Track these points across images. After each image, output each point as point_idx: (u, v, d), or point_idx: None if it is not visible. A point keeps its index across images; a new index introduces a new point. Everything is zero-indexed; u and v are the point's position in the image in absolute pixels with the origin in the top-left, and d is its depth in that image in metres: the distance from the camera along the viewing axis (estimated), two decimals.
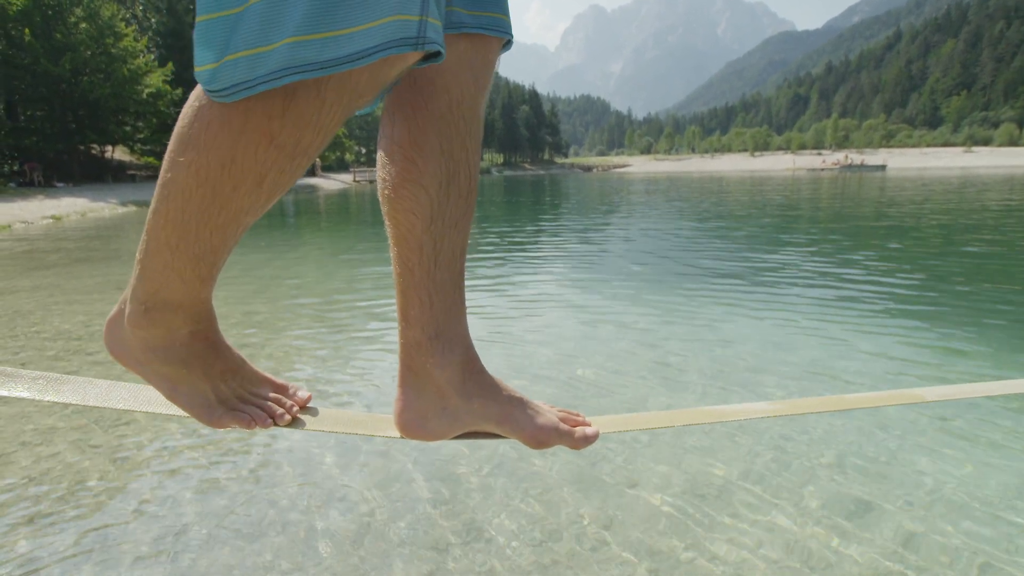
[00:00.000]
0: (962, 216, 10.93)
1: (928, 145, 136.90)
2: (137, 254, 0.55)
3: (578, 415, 0.73)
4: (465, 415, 0.69)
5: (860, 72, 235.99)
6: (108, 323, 0.65)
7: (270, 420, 0.66)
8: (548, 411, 0.71)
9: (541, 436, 0.68)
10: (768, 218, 11.67)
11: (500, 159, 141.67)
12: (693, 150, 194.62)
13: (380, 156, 0.62)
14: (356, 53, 0.40)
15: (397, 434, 0.70)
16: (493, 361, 3.22)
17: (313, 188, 33.60)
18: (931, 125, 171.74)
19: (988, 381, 0.96)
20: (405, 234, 0.62)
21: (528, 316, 4.15)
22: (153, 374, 0.63)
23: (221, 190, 0.47)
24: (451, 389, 0.67)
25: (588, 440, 0.69)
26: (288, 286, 5.34)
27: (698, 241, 8.26)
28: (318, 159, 48.00)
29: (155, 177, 29.53)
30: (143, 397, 0.68)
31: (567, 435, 0.69)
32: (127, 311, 0.60)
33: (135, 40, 26.49)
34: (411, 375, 0.68)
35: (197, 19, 0.42)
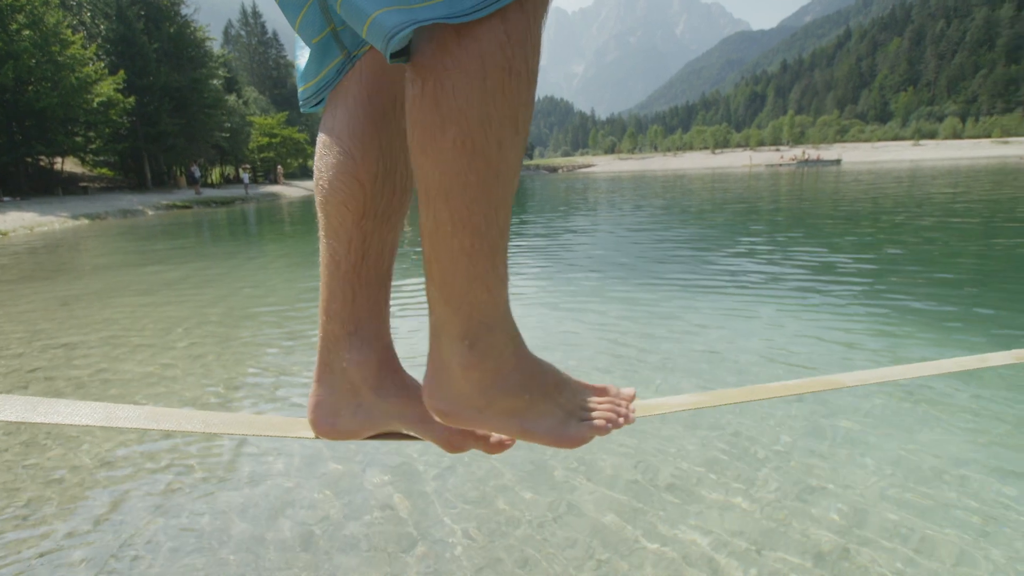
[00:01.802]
0: (913, 205, 11.36)
1: (879, 139, 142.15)
2: (432, 293, 0.52)
3: None
4: (379, 415, 0.67)
5: (813, 70, 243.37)
6: (427, 387, 0.59)
7: (621, 420, 0.63)
8: None
9: (456, 440, 0.66)
10: (728, 213, 11.92)
11: None
12: (656, 149, 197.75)
13: (318, 147, 0.61)
14: None
15: (311, 434, 0.68)
16: None
17: (276, 196, 32.90)
18: (881, 120, 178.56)
19: (904, 364, 1.00)
20: (336, 226, 0.61)
21: None
22: (498, 417, 0.58)
23: (490, 154, 0.45)
24: (366, 387, 0.66)
25: (503, 446, 0.67)
26: (245, 295, 5.22)
27: (659, 236, 8.38)
28: (279, 166, 46.76)
29: (109, 189, 28.28)
30: (41, 410, 0.65)
31: (482, 440, 0.67)
32: (454, 361, 0.55)
33: (83, 47, 25.49)
34: (327, 371, 0.67)
35: None
